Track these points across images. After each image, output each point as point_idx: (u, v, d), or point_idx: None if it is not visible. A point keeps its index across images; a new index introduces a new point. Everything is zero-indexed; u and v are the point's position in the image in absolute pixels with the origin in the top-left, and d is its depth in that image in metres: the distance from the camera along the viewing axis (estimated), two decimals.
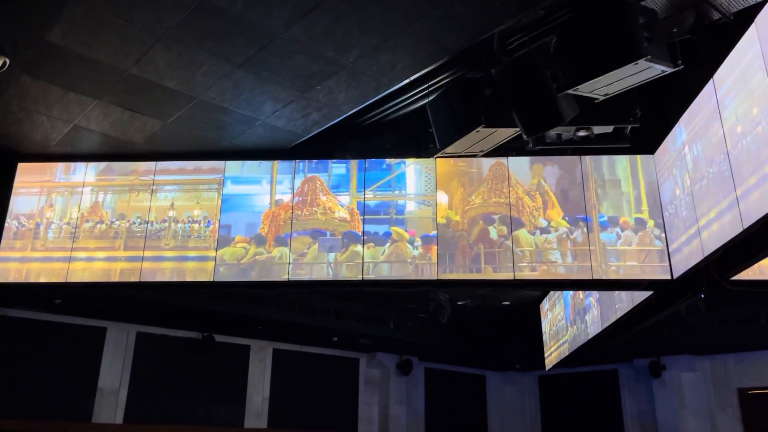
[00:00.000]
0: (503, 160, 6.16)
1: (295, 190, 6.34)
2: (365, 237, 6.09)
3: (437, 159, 6.10)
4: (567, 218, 5.98)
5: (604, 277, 5.84)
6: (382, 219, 6.16)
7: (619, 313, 7.21)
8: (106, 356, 9.31)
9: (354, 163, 6.34)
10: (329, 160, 6.38)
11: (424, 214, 6.16)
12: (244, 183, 6.43)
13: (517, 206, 6.06)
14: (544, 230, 5.98)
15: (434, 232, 6.05)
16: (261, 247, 6.19)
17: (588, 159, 6.09)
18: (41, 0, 4.35)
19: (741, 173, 4.36)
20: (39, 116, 5.90)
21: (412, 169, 6.30)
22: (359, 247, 6.07)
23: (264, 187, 6.40)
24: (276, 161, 6.42)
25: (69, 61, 5.05)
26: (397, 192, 6.25)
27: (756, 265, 5.02)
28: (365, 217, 6.16)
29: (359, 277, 5.98)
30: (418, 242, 6.04)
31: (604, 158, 6.09)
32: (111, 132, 6.18)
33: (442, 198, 6.15)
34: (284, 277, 6.07)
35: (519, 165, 6.19)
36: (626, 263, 5.85)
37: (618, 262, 5.86)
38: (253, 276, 6.12)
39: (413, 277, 5.97)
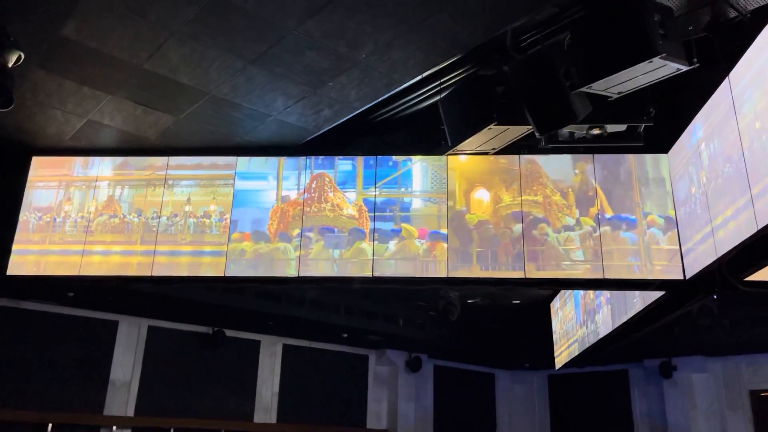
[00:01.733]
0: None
1: (302, 187, 6.36)
2: (373, 234, 6.09)
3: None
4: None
5: (615, 277, 5.80)
6: (388, 216, 6.15)
7: (631, 313, 7.16)
8: (118, 349, 9.38)
9: (360, 160, 6.34)
10: (335, 157, 6.38)
11: (431, 211, 6.14)
12: (252, 179, 6.46)
13: (545, 204, 6.03)
14: (568, 228, 5.94)
15: (444, 231, 6.03)
16: (267, 243, 6.21)
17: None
18: None
19: (759, 170, 4.30)
20: (53, 110, 5.95)
21: (418, 166, 6.29)
22: (364, 244, 6.07)
23: (270, 183, 6.42)
24: (282, 157, 6.43)
25: (83, 55, 5.09)
26: (403, 189, 6.24)
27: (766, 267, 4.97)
28: (374, 214, 6.16)
29: (369, 274, 5.98)
30: (425, 240, 6.03)
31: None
32: (124, 127, 6.22)
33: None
34: (290, 273, 6.09)
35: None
36: (638, 262, 5.81)
37: (632, 261, 5.82)
38: (261, 272, 6.15)
39: (422, 274, 5.96)
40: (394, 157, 6.30)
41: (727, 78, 4.75)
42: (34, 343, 8.69)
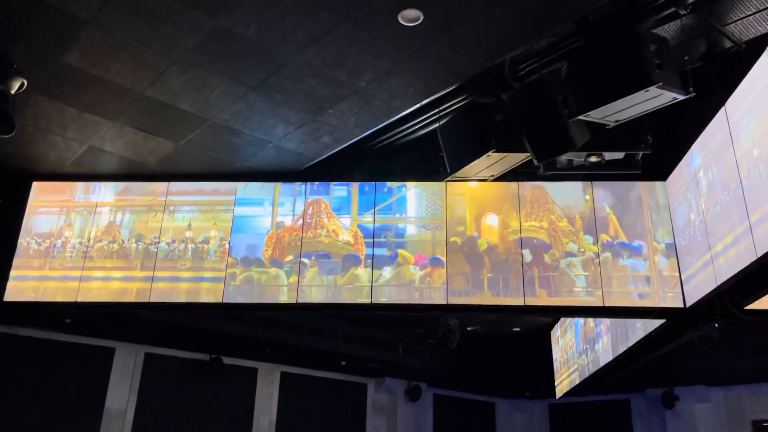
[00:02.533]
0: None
1: (297, 213, 6.37)
2: (367, 260, 6.08)
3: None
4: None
5: (616, 305, 5.78)
6: (382, 242, 6.15)
7: (631, 341, 7.11)
8: (114, 377, 9.29)
9: (355, 186, 6.37)
10: (330, 183, 6.40)
11: (425, 237, 6.15)
12: (248, 205, 6.48)
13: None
14: (571, 254, 5.94)
15: (442, 257, 6.03)
16: (261, 270, 6.20)
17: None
18: (60, 23, 4.44)
19: (757, 198, 4.30)
20: (54, 137, 5.98)
21: (413, 192, 6.32)
22: (359, 270, 6.06)
23: (266, 209, 6.44)
24: (278, 183, 6.45)
25: (85, 82, 5.13)
26: (398, 215, 6.26)
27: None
28: (372, 240, 6.16)
29: (367, 301, 5.95)
30: (425, 265, 6.02)
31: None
32: (125, 153, 6.25)
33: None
34: (282, 299, 6.07)
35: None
36: (639, 289, 5.79)
37: (633, 288, 5.80)
38: (255, 298, 6.12)
39: (420, 301, 5.94)
40: (389, 183, 6.33)
41: (723, 107, 4.79)
42: (28, 371, 8.60)
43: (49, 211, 6.65)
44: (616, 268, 5.86)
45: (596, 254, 5.91)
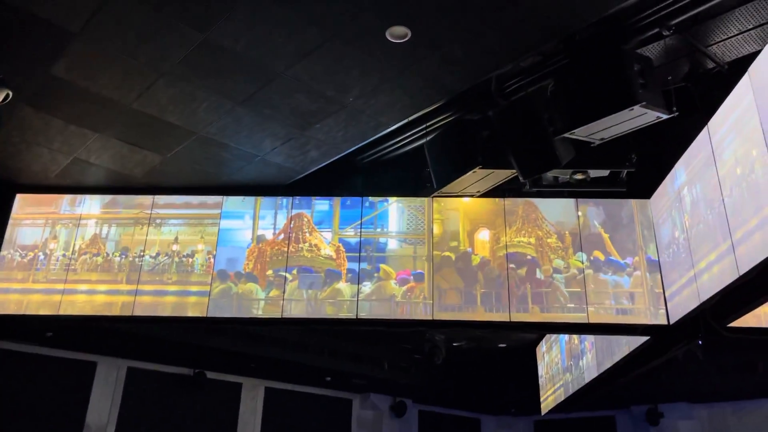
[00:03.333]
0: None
1: (278, 226, 6.36)
2: (348, 275, 6.08)
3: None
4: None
5: (600, 321, 5.81)
6: (363, 256, 6.15)
7: (616, 358, 7.13)
8: (96, 391, 9.15)
9: (337, 201, 6.38)
10: (312, 197, 6.41)
11: (407, 252, 6.17)
12: (230, 218, 6.45)
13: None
14: (557, 271, 5.98)
15: (426, 271, 6.04)
16: (240, 284, 6.17)
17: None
18: (49, 35, 4.43)
19: (740, 215, 4.36)
20: (39, 148, 5.94)
21: (395, 207, 6.34)
22: (341, 285, 6.06)
23: (247, 222, 6.42)
24: (259, 197, 6.45)
25: (72, 94, 5.11)
26: (379, 230, 6.27)
27: (754, 312, 4.99)
28: (359, 254, 6.16)
29: (346, 315, 5.94)
30: (408, 279, 6.02)
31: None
32: (111, 165, 6.21)
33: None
34: (264, 314, 6.04)
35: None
36: (623, 306, 5.83)
37: (617, 304, 5.84)
38: (239, 312, 6.09)
39: (403, 316, 5.93)
40: (371, 198, 6.34)
41: (706, 126, 4.87)
42: (8, 384, 8.45)
43: (34, 223, 6.58)
44: (601, 285, 5.90)
45: (581, 270, 5.94)
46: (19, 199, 6.65)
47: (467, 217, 6.27)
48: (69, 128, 5.60)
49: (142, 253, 6.36)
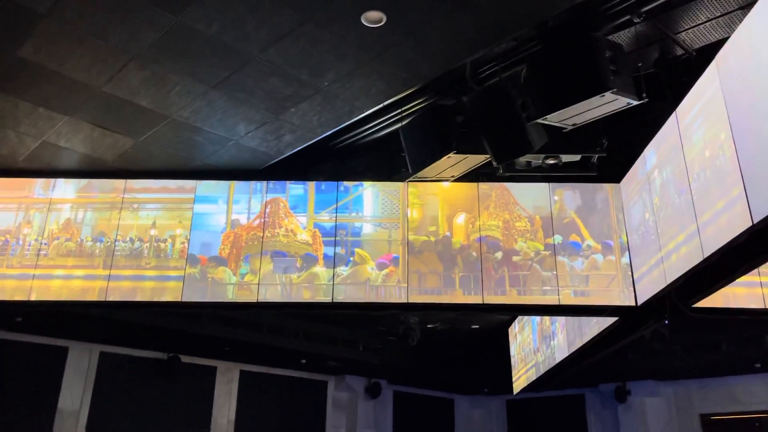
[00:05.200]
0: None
1: (253, 211, 6.34)
2: (324, 260, 6.10)
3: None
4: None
5: (570, 303, 5.94)
6: (339, 241, 6.18)
7: (585, 339, 7.30)
8: (67, 376, 9.08)
9: (311, 185, 6.38)
10: (287, 182, 6.40)
11: (381, 236, 6.22)
12: (204, 202, 6.41)
13: (503, 229, 6.15)
14: (515, 253, 6.09)
15: (402, 255, 6.09)
16: (219, 267, 6.16)
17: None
18: (15, 16, 4.32)
19: (707, 198, 4.47)
20: (6, 131, 5.81)
21: (369, 192, 6.37)
22: (317, 269, 6.08)
23: (221, 206, 6.39)
24: (233, 181, 6.42)
25: (40, 77, 5.00)
26: (354, 214, 6.30)
27: (718, 292, 5.16)
28: (334, 238, 6.18)
29: (323, 299, 5.98)
30: (386, 264, 6.08)
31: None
32: (81, 149, 6.11)
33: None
34: (239, 298, 6.04)
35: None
36: (593, 288, 5.96)
37: (585, 286, 5.97)
38: (214, 296, 6.08)
39: (381, 299, 5.99)
40: (346, 182, 6.36)
41: (674, 112, 4.97)
42: None
43: (7, 207, 6.46)
44: (571, 268, 6.02)
45: (550, 253, 6.05)
46: None
47: (446, 201, 6.33)
48: (37, 111, 5.49)
49: (117, 238, 6.29)
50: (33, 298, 6.11)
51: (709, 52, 4.53)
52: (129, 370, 9.65)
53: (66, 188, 6.52)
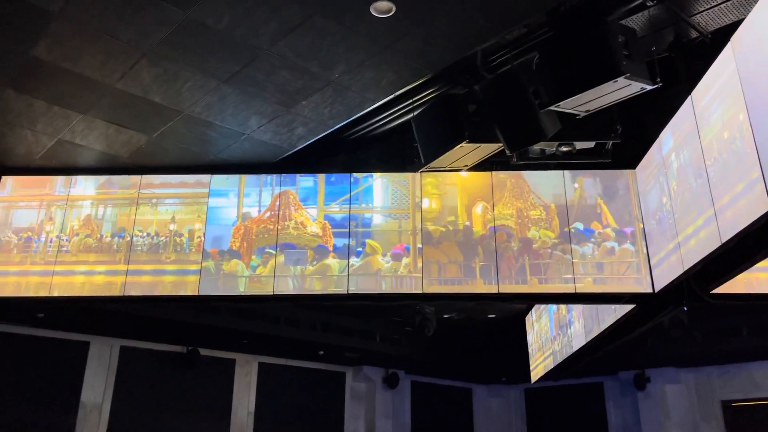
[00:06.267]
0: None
1: (263, 204, 6.37)
2: (335, 251, 6.12)
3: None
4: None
5: (586, 291, 5.90)
6: (348, 232, 6.18)
7: (603, 326, 7.26)
8: (90, 370, 9.21)
9: (321, 177, 6.39)
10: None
11: (392, 227, 6.21)
12: (216, 196, 6.45)
13: (517, 218, 6.13)
14: (531, 242, 6.05)
15: (416, 245, 6.09)
16: (232, 261, 6.20)
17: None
18: (27, 16, 4.36)
19: (725, 182, 4.38)
20: (23, 130, 5.89)
21: (379, 182, 6.36)
22: (329, 260, 6.10)
23: (231, 200, 6.43)
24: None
25: (54, 75, 5.05)
26: (364, 205, 6.30)
27: (739, 278, 5.08)
28: (348, 230, 6.19)
29: (336, 290, 6.00)
30: (400, 254, 6.08)
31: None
32: (96, 146, 6.17)
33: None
34: (253, 291, 6.08)
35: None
36: (610, 275, 5.92)
37: (602, 274, 5.92)
38: (228, 290, 6.13)
39: (394, 290, 6.00)
40: (355, 174, 6.36)
41: (690, 96, 4.89)
42: (3, 367, 8.49)
43: (29, 205, 6.56)
44: (587, 256, 5.98)
45: (567, 242, 6.01)
46: (12, 181, 6.62)
47: (465, 191, 6.31)
48: (52, 110, 5.55)
49: (137, 234, 6.36)
50: (55, 294, 6.20)
51: (725, 34, 4.45)
52: (149, 364, 9.77)
53: (86, 185, 6.60)
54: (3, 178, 6.61)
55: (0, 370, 8.47)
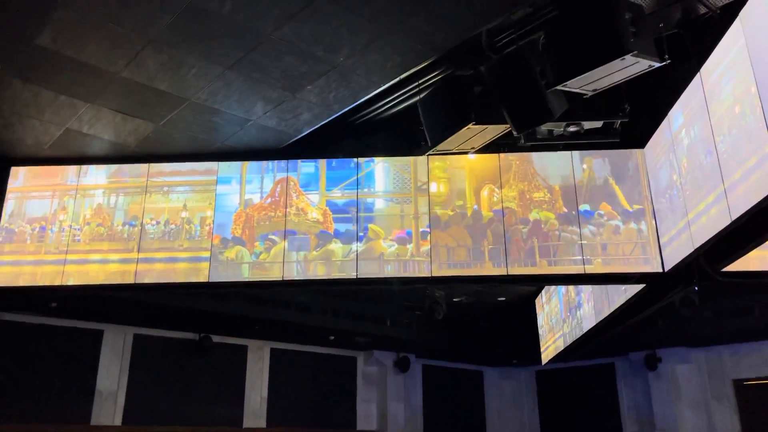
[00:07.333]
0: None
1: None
2: (337, 236, 6.12)
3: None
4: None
5: (595, 271, 5.88)
6: (351, 217, 6.19)
7: (613, 307, 7.25)
8: (104, 358, 9.32)
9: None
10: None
11: (394, 211, 6.21)
12: (220, 183, 6.46)
13: (519, 200, 6.11)
14: (534, 224, 6.04)
15: (419, 229, 6.09)
16: (235, 248, 6.22)
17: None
18: (31, 5, 4.37)
19: (739, 155, 4.31)
20: (30, 120, 5.92)
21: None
22: (332, 245, 6.11)
23: (233, 186, 6.43)
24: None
25: (60, 64, 5.07)
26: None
27: (751, 255, 5.03)
28: (356, 215, 6.20)
29: (339, 275, 6.01)
30: (404, 239, 6.08)
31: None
32: (104, 135, 6.20)
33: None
34: (245, 277, 6.10)
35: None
36: (619, 255, 5.90)
37: (610, 254, 5.90)
38: (234, 276, 6.15)
39: (399, 274, 6.01)
40: (357, 159, 6.34)
41: (698, 73, 4.83)
42: (16, 355, 8.60)
43: (42, 195, 6.61)
44: (594, 236, 5.95)
45: (572, 223, 5.99)
46: (25, 172, 6.66)
47: (473, 174, 6.29)
48: (59, 99, 5.57)
49: (149, 222, 6.39)
50: (69, 282, 6.26)
51: (733, 9, 4.38)
52: (163, 351, 9.87)
53: (97, 174, 6.63)
54: (15, 168, 6.65)
55: (16, 360, 8.58)
